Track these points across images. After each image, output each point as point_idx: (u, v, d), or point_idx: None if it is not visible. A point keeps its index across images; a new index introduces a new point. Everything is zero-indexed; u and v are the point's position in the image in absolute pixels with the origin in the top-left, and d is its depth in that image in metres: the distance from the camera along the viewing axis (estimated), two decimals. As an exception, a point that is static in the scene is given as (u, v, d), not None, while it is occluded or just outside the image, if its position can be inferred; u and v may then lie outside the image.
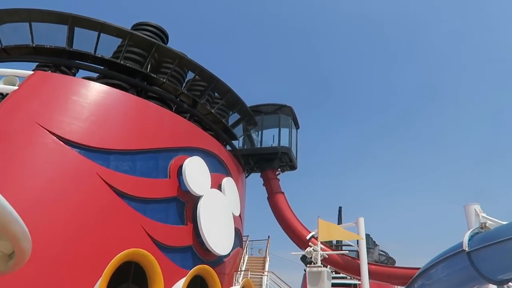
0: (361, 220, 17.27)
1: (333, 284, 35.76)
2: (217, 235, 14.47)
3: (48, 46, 14.57)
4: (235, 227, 16.94)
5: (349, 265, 17.80)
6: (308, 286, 8.93)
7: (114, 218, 11.50)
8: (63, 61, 14.86)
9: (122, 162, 12.68)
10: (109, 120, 13.01)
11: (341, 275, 39.40)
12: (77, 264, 9.76)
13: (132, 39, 15.11)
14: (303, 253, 9.75)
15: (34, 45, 14.59)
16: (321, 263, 9.23)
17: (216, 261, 14.98)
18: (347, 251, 19.89)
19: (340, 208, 43.51)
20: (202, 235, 13.72)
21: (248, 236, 20.03)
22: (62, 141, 11.76)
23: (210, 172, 15.44)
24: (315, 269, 8.99)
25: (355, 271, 16.88)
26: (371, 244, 44.02)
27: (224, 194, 15.88)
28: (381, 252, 42.35)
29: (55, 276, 9.55)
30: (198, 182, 14.31)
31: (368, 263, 16.65)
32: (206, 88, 17.50)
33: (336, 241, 38.81)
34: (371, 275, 16.60)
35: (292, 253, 10.98)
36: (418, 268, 15.04)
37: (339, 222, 44.16)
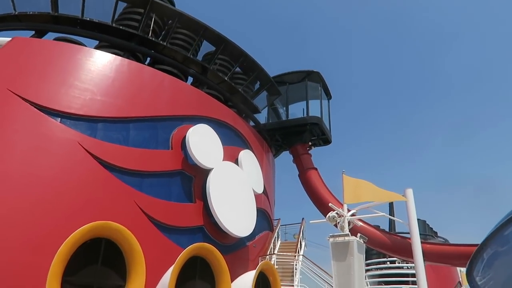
0: (410, 192, 14.30)
1: (387, 275, 32.38)
2: (234, 214, 12.24)
3: (31, 13, 13.03)
4: (259, 207, 14.67)
5: (398, 246, 14.90)
6: (332, 261, 6.46)
7: (99, 194, 9.61)
8: (50, 27, 13.23)
9: (112, 131, 10.81)
10: (95, 85, 11.16)
11: (395, 263, 36.22)
12: (46, 245, 7.88)
13: (122, -4, 13.22)
14: (323, 220, 7.28)
15: (16, 12, 13.11)
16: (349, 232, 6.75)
17: (236, 244, 12.79)
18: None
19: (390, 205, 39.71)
20: (214, 214, 11.56)
21: (279, 219, 17.67)
22: (37, 109, 10.06)
23: (224, 145, 13.27)
24: (340, 239, 6.50)
25: (406, 253, 13.98)
26: (428, 231, 39.94)
27: (241, 168, 13.63)
28: (441, 240, 38.13)
29: (18, 257, 7.76)
30: (206, 152, 12.17)
31: (421, 242, 13.71)
32: (215, 52, 15.32)
33: (389, 227, 35.39)
34: (426, 256, 13.65)
35: (310, 221, 8.46)
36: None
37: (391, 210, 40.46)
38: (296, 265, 13.63)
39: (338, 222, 7.03)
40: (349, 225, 7.24)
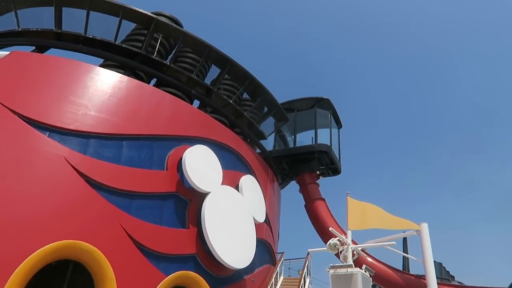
0: (425, 227, 13.15)
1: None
2: (230, 243, 11.26)
3: (33, 29, 12.83)
4: (260, 238, 13.65)
5: (412, 286, 13.56)
6: (333, 296, 5.47)
7: (81, 213, 8.80)
8: (52, 43, 12.95)
9: (104, 148, 10.18)
10: (89, 100, 10.66)
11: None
12: (10, 266, 7.01)
13: (126, 14, 12.96)
14: (324, 249, 6.28)
15: (19, 29, 12.92)
16: (354, 263, 5.76)
17: (232, 277, 11.73)
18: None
19: (404, 240, 37.59)
20: (208, 242, 10.62)
21: (283, 253, 16.48)
22: (25, 121, 9.52)
23: (224, 168, 12.50)
24: (342, 270, 5.53)
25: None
26: (444, 274, 37.71)
27: (242, 194, 12.75)
28: (459, 284, 35.84)
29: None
30: (204, 175, 11.38)
31: (438, 283, 12.41)
32: (220, 73, 14.87)
33: (403, 267, 33.36)
34: (444, 298, 12.37)
35: (309, 250, 7.41)
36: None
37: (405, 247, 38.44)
38: (298, 303, 12.39)
39: (341, 252, 6.07)
40: (353, 256, 6.25)
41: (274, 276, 14.54)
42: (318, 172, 18.34)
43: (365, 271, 5.61)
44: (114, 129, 10.59)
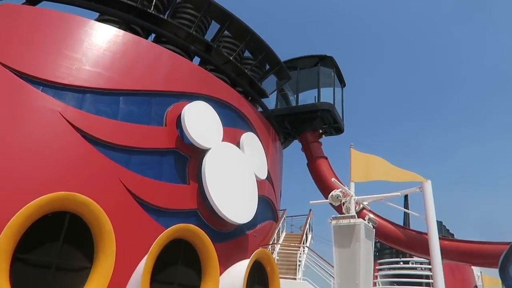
0: (428, 184, 13.05)
1: (400, 275, 30.87)
2: (232, 199, 11.23)
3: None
4: (262, 194, 13.63)
5: (414, 241, 13.65)
6: (334, 248, 5.38)
7: (78, 169, 8.71)
8: None
9: (100, 103, 9.93)
10: (84, 54, 10.28)
11: (409, 264, 34.68)
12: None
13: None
14: (326, 201, 6.17)
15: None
16: (356, 214, 5.63)
17: (234, 232, 11.79)
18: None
19: (405, 197, 37.55)
20: (209, 197, 10.57)
21: (285, 210, 16.58)
22: (18, 75, 9.23)
23: (224, 126, 12.26)
24: (345, 221, 5.40)
25: (422, 249, 12.76)
26: (444, 232, 38.18)
27: (243, 151, 12.59)
28: (460, 239, 36.22)
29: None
30: (204, 131, 11.17)
31: (440, 237, 12.44)
32: (220, 29, 14.31)
33: (404, 224, 33.70)
34: (445, 253, 12.41)
35: (310, 202, 7.37)
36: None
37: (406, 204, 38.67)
38: (300, 257, 12.52)
39: (343, 203, 5.93)
40: (356, 207, 6.12)
41: (276, 232, 14.66)
42: (320, 131, 18.09)
43: (368, 222, 5.49)
44: (110, 84, 10.28)
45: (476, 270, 32.49)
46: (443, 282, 11.82)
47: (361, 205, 15.46)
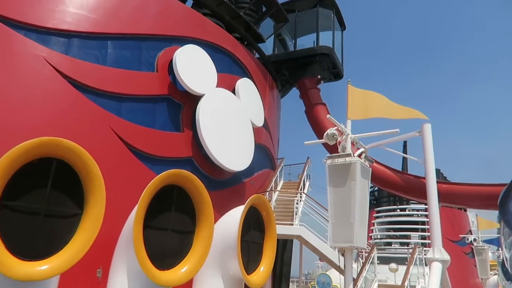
0: (427, 127, 12.80)
1: (396, 222, 31.47)
2: (227, 146, 11.05)
3: None
4: (259, 142, 13.46)
5: (411, 185, 13.67)
6: (328, 188, 5.22)
7: (66, 116, 8.43)
8: None
9: (87, 48, 9.41)
10: (66, -6, 9.60)
11: (405, 211, 35.44)
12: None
13: None
14: (321, 141, 5.93)
15: None
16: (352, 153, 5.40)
17: (231, 180, 11.74)
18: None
19: (405, 143, 37.46)
20: (204, 145, 10.38)
21: (283, 158, 16.48)
22: (-3, 19, 8.64)
23: (219, 71, 11.79)
24: (340, 160, 5.20)
25: (420, 193, 12.78)
26: (441, 178, 38.62)
27: (238, 97, 12.24)
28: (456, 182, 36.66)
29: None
30: (197, 76, 10.75)
31: (438, 181, 12.42)
32: (213, -34, 13.40)
33: (402, 168, 34.00)
34: (442, 196, 12.41)
35: (305, 142, 7.14)
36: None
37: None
38: (297, 203, 12.56)
39: (339, 143, 5.70)
40: (354, 154, 5.88)
41: (274, 180, 14.66)
42: (319, 77, 17.56)
43: (365, 161, 5.28)
44: (96, 27, 9.71)
45: (471, 216, 33.24)
46: (439, 225, 11.94)
47: (360, 151, 15.39)
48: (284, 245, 17.61)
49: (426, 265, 11.66)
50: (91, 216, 5.78)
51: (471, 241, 15.76)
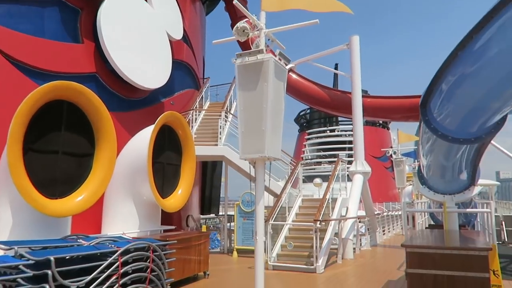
0: (355, 39, 12.36)
1: (326, 143, 32.49)
2: (138, 60, 9.71)
3: None
4: (179, 59, 12.21)
5: (338, 101, 13.51)
6: (238, 92, 4.43)
7: None
8: None
9: None
10: None
11: (335, 131, 36.84)
12: None
13: None
14: (231, 38, 5.05)
15: None
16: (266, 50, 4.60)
17: (146, 100, 10.60)
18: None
19: (336, 65, 37.55)
20: (109, 58, 8.96)
21: (208, 78, 15.40)
22: None
23: (125, -27, 9.94)
24: (251, 58, 4.38)
25: (346, 108, 12.69)
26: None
27: (150, 5, 10.63)
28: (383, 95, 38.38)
29: None
30: (95, -25, 8.95)
31: (363, 95, 12.31)
32: None
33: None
34: (367, 110, 12.49)
35: (213, 41, 6.23)
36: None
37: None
38: (222, 123, 11.85)
39: (253, 41, 4.84)
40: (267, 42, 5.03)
41: (198, 100, 13.69)
42: (246, -13, 16.02)
43: (280, 59, 4.52)
44: None
45: (393, 134, 35.38)
46: (362, 140, 12.06)
47: (289, 66, 14.71)
48: (214, 168, 17.28)
49: (349, 180, 11.91)
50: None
51: (391, 154, 16.57)
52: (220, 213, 17.45)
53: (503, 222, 13.29)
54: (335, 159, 12.49)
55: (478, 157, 5.99)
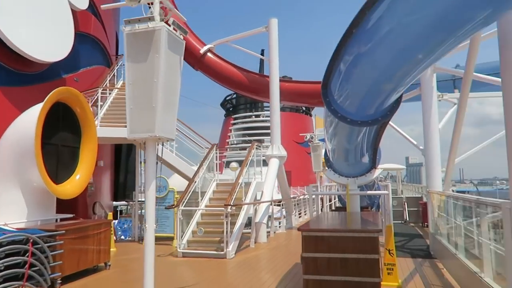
0: (274, 22, 12.25)
1: (252, 128, 32.57)
2: (31, 30, 8.60)
3: None
4: (85, 32, 11.14)
5: (256, 84, 13.39)
6: (126, 64, 3.93)
7: None
8: None
9: None
10: None
11: (260, 117, 37.17)
12: None
13: None
14: (121, 4, 4.48)
15: None
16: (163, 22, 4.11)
17: (44, 74, 9.53)
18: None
19: (262, 51, 37.54)
20: (-6, 25, 7.79)
21: (121, 55, 14.35)
22: None
23: None
24: (142, 26, 3.89)
25: (265, 93, 12.59)
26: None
27: (48, -32, 9.44)
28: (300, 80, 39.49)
29: None
30: None
31: (280, 79, 12.30)
32: None
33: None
34: (284, 95, 12.49)
35: (101, 6, 5.65)
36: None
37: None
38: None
39: (149, 7, 4.30)
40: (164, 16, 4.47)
41: (109, 78, 12.68)
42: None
43: (175, 29, 4.09)
44: None
45: (315, 120, 36.63)
46: (279, 124, 12.08)
47: (206, 46, 14.15)
48: (129, 153, 16.32)
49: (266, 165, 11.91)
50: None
51: (308, 138, 16.99)
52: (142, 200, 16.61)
53: (405, 203, 14.30)
54: (260, 144, 12.41)
55: (377, 140, 6.16)
